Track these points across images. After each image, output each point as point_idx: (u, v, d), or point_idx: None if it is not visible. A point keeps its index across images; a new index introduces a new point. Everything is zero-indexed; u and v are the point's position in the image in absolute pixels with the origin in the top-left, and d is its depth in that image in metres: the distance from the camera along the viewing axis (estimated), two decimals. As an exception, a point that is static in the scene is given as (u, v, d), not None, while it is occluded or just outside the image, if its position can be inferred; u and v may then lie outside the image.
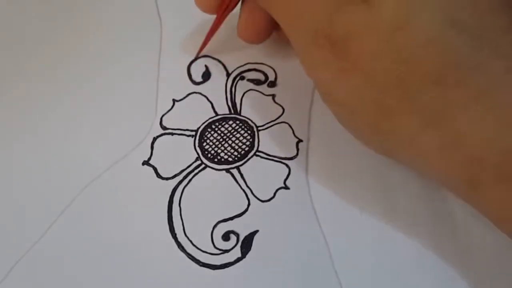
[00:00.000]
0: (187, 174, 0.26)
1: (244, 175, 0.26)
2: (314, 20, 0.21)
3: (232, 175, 0.26)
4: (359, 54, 0.20)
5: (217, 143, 0.27)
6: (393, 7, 0.19)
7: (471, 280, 0.23)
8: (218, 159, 0.27)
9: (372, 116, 0.22)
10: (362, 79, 0.21)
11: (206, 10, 0.28)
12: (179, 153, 0.27)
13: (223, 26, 0.29)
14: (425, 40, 0.19)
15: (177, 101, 0.29)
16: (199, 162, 0.27)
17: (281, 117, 0.28)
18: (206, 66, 0.30)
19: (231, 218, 0.25)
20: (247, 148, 0.27)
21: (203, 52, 0.30)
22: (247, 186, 0.26)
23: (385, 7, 0.19)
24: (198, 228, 0.25)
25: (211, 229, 0.25)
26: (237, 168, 0.26)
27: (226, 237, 0.24)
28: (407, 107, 0.20)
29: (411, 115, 0.20)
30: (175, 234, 0.24)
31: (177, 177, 0.26)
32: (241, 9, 0.28)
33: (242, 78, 0.30)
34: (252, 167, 0.26)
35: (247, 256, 0.24)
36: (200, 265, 0.24)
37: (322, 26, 0.21)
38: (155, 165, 0.26)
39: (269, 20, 0.26)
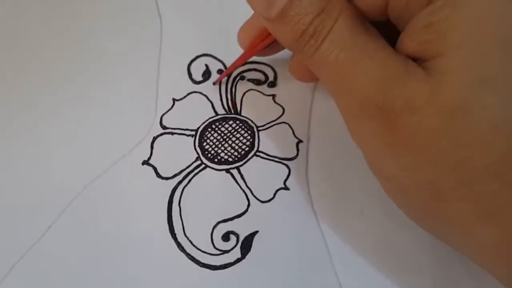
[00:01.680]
0: (187, 174, 0.26)
1: (244, 176, 0.26)
2: (367, 89, 0.19)
3: (232, 175, 0.26)
4: (416, 131, 0.19)
5: (217, 143, 0.27)
6: (459, 85, 0.18)
7: (470, 280, 0.23)
8: (218, 159, 0.27)
9: (424, 197, 0.20)
10: (416, 157, 0.19)
11: (244, 46, 0.27)
12: (179, 153, 0.27)
13: (223, 27, 0.29)
14: (491, 126, 0.18)
15: (177, 100, 0.29)
16: (199, 162, 0.27)
17: (281, 118, 0.28)
18: (206, 65, 0.30)
19: (231, 219, 0.25)
20: (247, 148, 0.27)
21: (204, 51, 0.30)
22: (247, 187, 0.26)
23: (450, 85, 0.18)
24: (198, 228, 0.25)
25: (211, 230, 0.25)
26: (237, 168, 0.26)
27: (226, 237, 0.24)
28: (462, 195, 0.19)
29: (467, 203, 0.19)
30: (175, 234, 0.24)
31: (177, 177, 0.26)
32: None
33: (243, 78, 0.30)
34: (252, 168, 0.26)
35: (247, 256, 0.24)
36: (200, 266, 0.24)
37: (375, 95, 0.19)
38: (155, 165, 0.26)
39: None
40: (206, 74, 0.30)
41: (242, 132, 0.28)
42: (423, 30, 0.19)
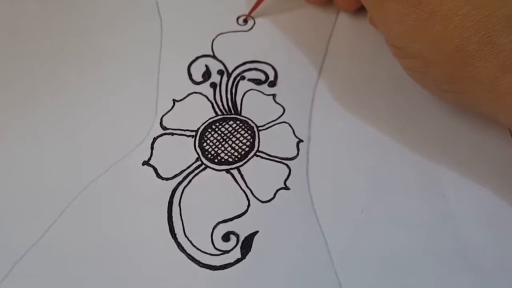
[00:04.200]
0: (187, 175, 0.26)
1: (244, 176, 0.26)
2: None
3: (232, 175, 0.26)
4: (439, 2, 0.21)
5: (217, 143, 0.27)
6: None
7: (471, 280, 0.23)
8: (218, 160, 0.27)
9: (450, 65, 0.22)
10: (441, 27, 0.21)
11: None
12: (179, 153, 0.27)
13: (223, 27, 0.29)
14: None
15: (177, 101, 0.29)
16: (199, 162, 0.27)
17: (281, 117, 0.28)
18: (206, 65, 0.30)
19: (231, 219, 0.25)
20: (247, 149, 0.27)
21: (204, 52, 0.30)
22: (247, 187, 0.26)
23: None
24: (198, 228, 0.25)
25: (211, 230, 0.25)
26: (237, 168, 0.26)
27: (226, 237, 0.24)
28: (487, 52, 0.21)
29: (491, 59, 0.21)
30: (175, 235, 0.24)
31: (177, 178, 0.26)
32: None
33: (243, 78, 0.30)
34: (252, 168, 0.26)
35: (247, 257, 0.24)
36: (200, 266, 0.24)
37: None
38: (155, 165, 0.26)
39: None
40: (206, 75, 0.30)
41: (242, 132, 0.27)
42: None
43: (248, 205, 0.25)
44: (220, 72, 0.30)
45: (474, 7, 0.21)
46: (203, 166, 0.26)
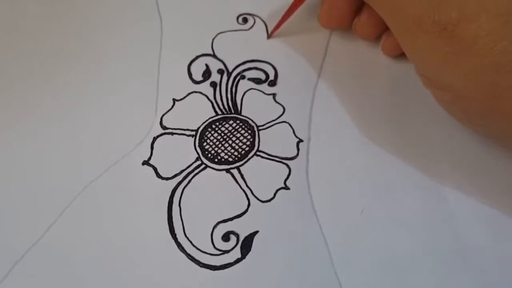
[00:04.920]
0: (187, 174, 0.26)
1: (244, 175, 0.26)
2: (419, 7, 0.22)
3: (232, 175, 0.26)
4: (475, 37, 0.20)
5: (217, 143, 0.27)
6: None
7: (471, 280, 0.23)
8: (218, 159, 0.27)
9: (483, 99, 0.22)
10: (476, 62, 0.21)
11: None
12: (179, 153, 0.27)
13: (223, 26, 0.29)
14: None
15: (177, 100, 0.29)
16: (199, 162, 0.27)
17: (281, 117, 0.28)
18: (206, 65, 0.30)
19: (231, 219, 0.25)
20: (247, 148, 0.27)
21: (204, 51, 0.30)
22: (247, 186, 0.26)
23: None
24: (198, 228, 0.25)
25: (211, 230, 0.25)
26: (237, 168, 0.26)
27: (226, 237, 0.24)
28: None
29: None
30: (175, 235, 0.24)
31: (177, 177, 0.26)
32: None
33: (243, 77, 0.30)
34: (252, 167, 0.26)
35: (247, 256, 0.24)
36: (200, 266, 0.24)
37: (428, 12, 0.21)
38: (155, 165, 0.26)
39: (352, 7, 0.28)
40: (206, 74, 0.30)
41: (242, 131, 0.27)
42: None
43: (248, 205, 0.25)
44: (220, 71, 0.30)
45: (511, 42, 0.20)
46: (203, 165, 0.26)
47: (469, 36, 0.21)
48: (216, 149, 0.27)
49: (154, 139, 0.27)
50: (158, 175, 0.26)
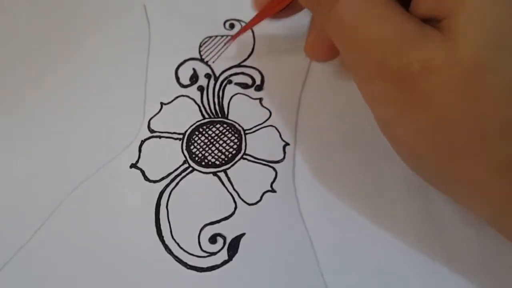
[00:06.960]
0: (175, 177, 0.26)
1: (231, 178, 0.26)
2: (383, 51, 0.20)
3: (219, 178, 0.26)
4: (434, 92, 0.19)
5: (204, 146, 0.27)
6: (478, 46, 0.18)
7: (457, 280, 0.24)
8: (205, 163, 0.27)
9: (438, 159, 0.20)
10: (433, 119, 0.19)
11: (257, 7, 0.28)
12: (167, 156, 0.27)
13: (211, 31, 0.30)
14: (509, 85, 0.18)
15: (165, 104, 0.29)
16: (186, 165, 0.27)
17: (268, 121, 0.28)
18: (194, 69, 0.30)
19: (218, 221, 0.25)
20: (234, 152, 0.27)
21: (192, 55, 0.31)
22: (234, 189, 0.26)
23: (467, 45, 0.18)
24: (185, 230, 0.25)
25: (198, 232, 0.25)
26: (224, 171, 0.27)
27: (213, 240, 0.25)
28: (477, 153, 0.19)
29: (481, 160, 0.19)
30: (162, 237, 0.25)
31: (164, 180, 0.26)
32: (309, 28, 0.27)
33: (230, 81, 0.30)
34: (239, 170, 0.27)
35: (233, 258, 0.24)
36: (187, 268, 0.24)
37: (391, 58, 0.19)
38: (143, 168, 0.27)
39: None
40: (194, 78, 0.30)
41: (229, 135, 0.28)
42: None
43: (235, 208, 0.25)
44: (208, 76, 0.30)
45: (473, 104, 0.18)
46: (190, 169, 0.27)
47: (428, 90, 0.19)
48: (203, 152, 0.27)
49: (142, 142, 0.27)
50: (145, 178, 0.26)
